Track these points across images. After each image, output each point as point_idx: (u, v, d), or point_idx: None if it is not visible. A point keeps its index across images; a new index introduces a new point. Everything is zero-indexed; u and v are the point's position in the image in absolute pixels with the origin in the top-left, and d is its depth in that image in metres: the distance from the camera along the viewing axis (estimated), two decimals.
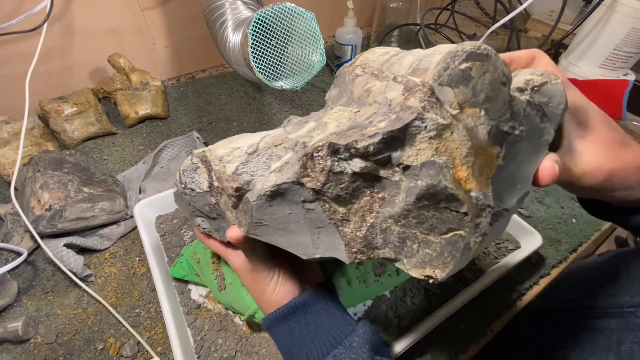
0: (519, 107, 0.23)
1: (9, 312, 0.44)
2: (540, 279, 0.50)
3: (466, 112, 0.21)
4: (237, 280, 0.40)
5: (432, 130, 0.20)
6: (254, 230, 0.26)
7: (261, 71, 0.49)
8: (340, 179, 0.22)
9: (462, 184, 0.21)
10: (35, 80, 0.59)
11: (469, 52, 0.21)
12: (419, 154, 0.20)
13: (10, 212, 0.51)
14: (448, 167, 0.20)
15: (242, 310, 0.39)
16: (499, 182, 0.23)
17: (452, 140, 0.20)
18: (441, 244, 0.22)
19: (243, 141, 0.28)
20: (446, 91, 0.20)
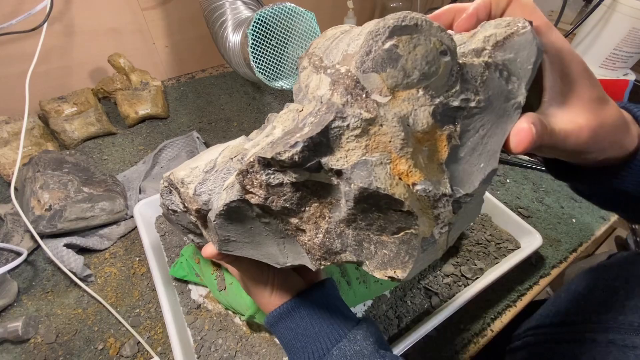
0: (473, 74, 0.20)
1: (9, 312, 0.44)
2: (540, 279, 0.50)
3: (400, 96, 0.19)
4: (237, 281, 0.40)
5: (357, 128, 0.19)
6: (225, 246, 0.25)
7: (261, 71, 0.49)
8: (281, 191, 0.21)
9: (404, 179, 0.19)
10: (35, 80, 0.59)
11: (392, 27, 0.18)
12: (349, 155, 0.19)
13: (10, 212, 0.51)
14: (383, 164, 0.19)
15: (242, 311, 0.39)
16: (456, 164, 0.21)
17: (383, 133, 0.19)
18: (395, 243, 0.21)
19: (203, 159, 0.27)
20: (372, 78, 0.18)
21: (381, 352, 0.27)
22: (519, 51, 0.21)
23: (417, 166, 0.19)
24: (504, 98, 0.21)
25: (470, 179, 0.21)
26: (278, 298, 0.30)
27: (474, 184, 0.21)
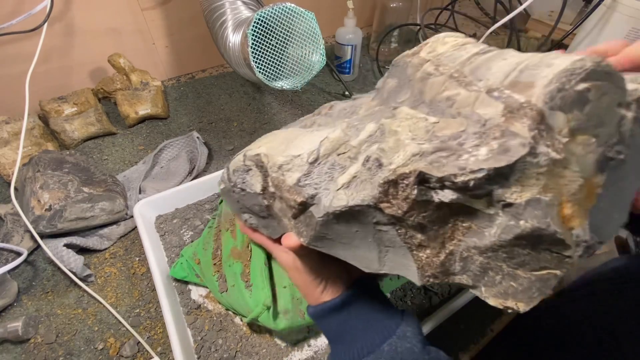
0: (626, 127, 0.20)
1: (9, 312, 0.44)
2: None
3: (577, 139, 0.18)
4: (239, 283, 0.40)
5: (544, 166, 0.17)
6: (315, 242, 0.25)
7: (261, 71, 0.49)
8: (425, 208, 0.20)
9: (566, 222, 0.18)
10: (35, 80, 0.59)
11: (590, 71, 0.18)
12: (524, 190, 0.18)
13: (10, 212, 0.51)
14: (554, 205, 0.18)
15: (244, 313, 0.39)
16: (596, 212, 0.20)
17: (562, 176, 0.18)
18: (530, 279, 0.20)
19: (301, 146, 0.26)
20: (557, 116, 0.17)
21: (427, 349, 0.28)
22: None
23: (580, 211, 0.18)
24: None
25: (606, 228, 0.21)
26: (329, 293, 0.31)
27: (610, 234, 0.21)
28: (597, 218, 0.20)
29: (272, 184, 0.27)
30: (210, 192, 0.56)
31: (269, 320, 0.38)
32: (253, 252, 0.41)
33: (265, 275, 0.39)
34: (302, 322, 0.39)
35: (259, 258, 0.40)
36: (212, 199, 0.56)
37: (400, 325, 0.29)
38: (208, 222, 0.52)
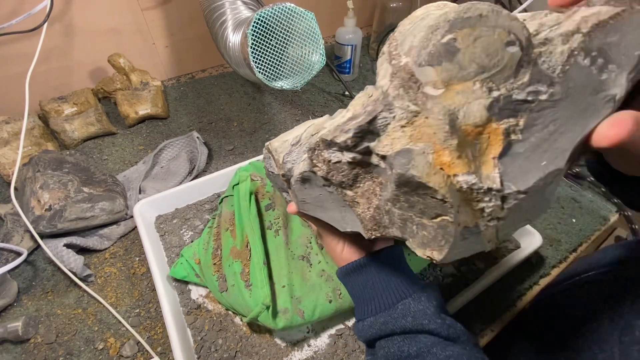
0: (551, 63, 0.19)
1: (9, 312, 0.44)
2: (540, 279, 0.50)
3: (454, 89, 0.19)
4: (239, 283, 0.40)
5: (403, 119, 0.20)
6: (302, 207, 0.31)
7: (261, 71, 0.49)
8: (340, 167, 0.23)
9: (446, 169, 0.19)
10: (35, 80, 0.59)
11: (452, 21, 0.18)
12: (394, 142, 0.20)
13: (10, 212, 0.51)
14: (425, 154, 0.19)
15: (244, 312, 0.39)
16: (513, 159, 0.20)
17: (428, 125, 0.19)
18: (434, 227, 0.21)
19: (293, 133, 0.31)
20: (427, 71, 0.19)
21: (442, 315, 0.28)
22: (626, 34, 0.18)
23: (461, 158, 0.19)
24: (590, 90, 0.19)
25: (525, 176, 0.20)
26: (349, 254, 0.33)
27: (528, 182, 0.19)
28: (515, 165, 0.20)
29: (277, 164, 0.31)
30: (210, 192, 0.56)
31: (269, 319, 0.38)
32: (252, 251, 0.41)
33: (264, 274, 0.39)
34: (301, 321, 0.39)
35: (258, 257, 0.40)
36: (212, 199, 0.56)
37: (417, 291, 0.30)
38: (208, 222, 0.52)
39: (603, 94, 0.19)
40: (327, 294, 0.40)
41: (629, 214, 0.58)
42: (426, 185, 0.19)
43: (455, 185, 0.19)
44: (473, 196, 0.20)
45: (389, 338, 0.29)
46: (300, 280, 0.41)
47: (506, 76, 0.19)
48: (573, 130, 0.19)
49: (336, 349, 0.40)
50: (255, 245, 0.41)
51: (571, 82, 0.19)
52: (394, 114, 0.20)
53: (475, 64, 0.18)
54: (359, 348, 0.40)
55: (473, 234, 0.21)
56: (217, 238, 0.45)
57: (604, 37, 0.18)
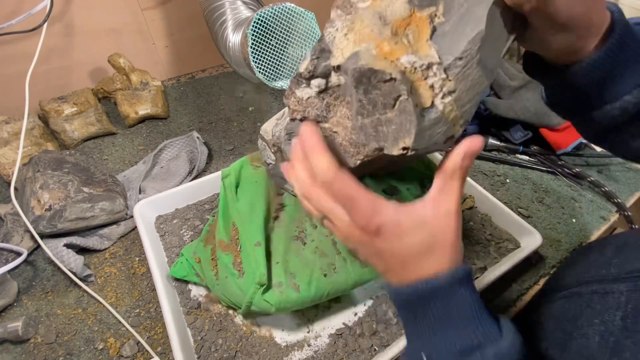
0: None
1: (9, 312, 0.44)
2: (540, 279, 0.50)
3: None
4: (232, 273, 0.40)
5: (344, 28, 0.24)
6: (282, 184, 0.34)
7: (261, 71, 0.49)
8: (312, 102, 0.26)
9: (389, 57, 0.23)
10: (35, 80, 0.59)
11: None
12: (344, 51, 0.24)
13: (10, 212, 0.51)
14: (369, 50, 0.23)
15: (239, 301, 0.39)
16: (444, 37, 0.24)
17: (365, 26, 0.23)
18: (397, 115, 0.24)
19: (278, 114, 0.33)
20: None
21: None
22: None
23: (399, 44, 0.23)
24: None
25: (456, 45, 0.23)
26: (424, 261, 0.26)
27: (459, 47, 0.23)
28: (447, 41, 0.23)
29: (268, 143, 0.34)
30: (210, 192, 0.56)
31: (262, 302, 0.38)
32: (241, 236, 0.41)
33: (259, 253, 0.39)
34: (296, 296, 0.38)
35: (249, 240, 0.41)
36: (212, 199, 0.56)
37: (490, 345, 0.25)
38: (208, 221, 0.52)
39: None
40: (321, 268, 0.40)
41: (629, 214, 0.58)
42: (374, 69, 0.22)
43: (400, 67, 0.23)
44: (420, 75, 0.23)
45: None
46: (294, 257, 0.41)
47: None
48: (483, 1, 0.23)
49: (336, 349, 0.40)
50: (246, 231, 0.41)
51: None
52: (336, 27, 0.24)
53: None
54: (359, 348, 0.40)
55: (433, 112, 0.24)
56: (213, 236, 0.46)
57: None
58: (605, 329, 0.31)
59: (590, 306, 0.34)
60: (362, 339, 0.41)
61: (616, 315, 0.31)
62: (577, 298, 0.37)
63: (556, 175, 0.65)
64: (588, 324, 0.33)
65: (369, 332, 0.42)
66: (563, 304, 0.38)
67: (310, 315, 0.43)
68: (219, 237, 0.43)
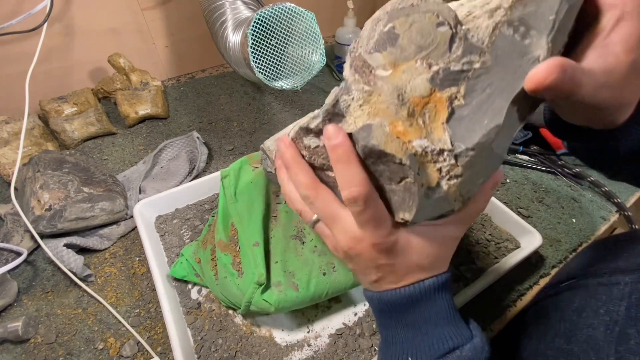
0: (480, 36, 0.22)
1: (9, 312, 0.44)
2: (540, 279, 0.50)
3: (400, 68, 0.22)
4: (231, 273, 0.40)
5: (360, 99, 0.23)
6: None
7: (261, 71, 0.49)
8: (319, 151, 0.26)
9: (402, 137, 0.22)
10: (35, 80, 0.59)
11: (390, 12, 0.22)
12: (357, 120, 0.23)
13: (10, 212, 0.51)
14: (382, 126, 0.22)
15: (238, 301, 0.39)
16: (460, 122, 0.22)
17: (381, 102, 0.22)
18: (401, 190, 0.24)
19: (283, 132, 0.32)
20: (376, 57, 0.23)
21: None
22: (540, 3, 0.21)
23: (413, 126, 0.22)
24: (517, 54, 0.21)
25: (470, 135, 0.22)
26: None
27: (473, 139, 0.22)
28: (462, 127, 0.22)
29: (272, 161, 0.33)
30: (210, 192, 0.56)
31: (262, 301, 0.38)
32: (240, 236, 0.42)
33: (257, 253, 0.39)
34: (295, 295, 0.38)
35: (248, 240, 0.41)
36: (212, 199, 0.56)
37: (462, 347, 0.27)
38: (208, 221, 0.52)
39: (528, 56, 0.21)
40: (320, 267, 0.40)
41: (629, 214, 0.58)
42: (385, 152, 0.22)
43: (411, 150, 0.22)
44: (429, 158, 0.23)
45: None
46: (293, 257, 0.41)
47: (442, 52, 0.22)
48: (506, 89, 0.22)
49: (336, 348, 0.40)
50: (244, 231, 0.41)
51: (499, 50, 0.22)
52: (352, 95, 0.23)
53: (414, 45, 0.22)
54: (359, 348, 0.40)
55: (437, 193, 0.24)
56: (212, 236, 0.46)
57: (523, 8, 0.21)
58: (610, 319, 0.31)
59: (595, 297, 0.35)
60: (362, 339, 0.41)
61: (620, 305, 0.31)
62: (582, 290, 0.37)
63: (556, 175, 0.65)
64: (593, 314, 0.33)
65: (369, 332, 0.42)
66: (569, 295, 0.38)
67: (310, 315, 0.43)
68: (218, 237, 0.44)
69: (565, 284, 0.40)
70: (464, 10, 0.23)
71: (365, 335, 0.41)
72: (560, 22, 0.21)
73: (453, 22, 0.22)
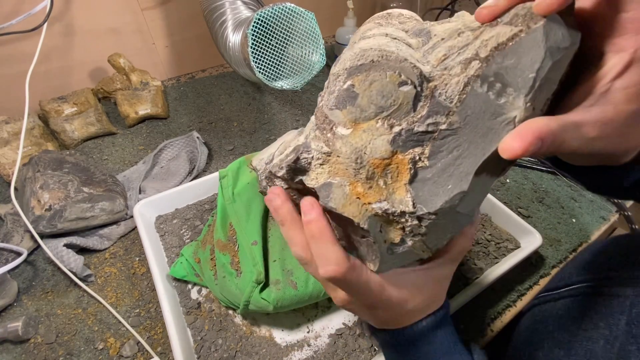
0: (448, 94, 0.20)
1: (9, 312, 0.44)
2: (540, 279, 0.50)
3: (360, 128, 0.21)
4: (230, 273, 0.40)
5: (319, 159, 0.22)
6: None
7: (261, 71, 0.49)
8: (292, 192, 0.25)
9: (362, 198, 0.21)
10: (35, 80, 0.59)
11: (349, 69, 0.21)
12: (318, 177, 0.22)
13: (10, 212, 0.51)
14: (343, 186, 0.21)
15: (237, 300, 0.39)
16: (423, 184, 0.21)
17: (340, 162, 0.22)
18: (365, 244, 0.24)
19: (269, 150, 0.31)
20: (336, 114, 0.21)
21: None
22: (522, 56, 0.18)
23: (373, 188, 0.21)
24: (489, 115, 0.19)
25: (433, 200, 0.21)
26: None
27: (435, 205, 0.21)
28: (425, 189, 0.21)
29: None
30: (210, 192, 0.56)
31: (260, 300, 0.38)
32: (239, 236, 0.42)
33: (256, 252, 0.39)
34: (294, 293, 0.38)
35: (246, 239, 0.41)
36: (212, 199, 0.56)
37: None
38: (207, 221, 0.52)
39: (502, 117, 0.19)
40: None
41: (629, 214, 0.58)
42: (341, 215, 0.21)
43: (371, 212, 0.21)
44: (391, 219, 0.22)
45: None
46: (291, 255, 0.41)
47: (405, 112, 0.20)
48: (475, 154, 0.20)
49: (336, 348, 0.40)
50: (243, 230, 0.41)
51: (469, 110, 0.20)
52: (311, 154, 0.22)
53: (374, 105, 0.20)
54: (359, 348, 0.40)
55: (402, 247, 0.23)
56: (212, 236, 0.46)
57: (502, 60, 0.18)
58: (610, 333, 0.31)
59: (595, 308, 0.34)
60: (362, 339, 0.41)
61: (621, 319, 0.31)
62: (582, 298, 0.37)
63: (556, 175, 0.65)
64: (593, 326, 0.33)
65: (369, 332, 0.42)
66: (568, 303, 0.38)
67: (310, 315, 0.43)
68: (217, 237, 0.44)
69: (565, 290, 0.40)
70: (440, 52, 0.21)
71: (365, 335, 0.41)
72: (542, 79, 0.18)
73: (417, 81, 0.20)
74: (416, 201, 0.21)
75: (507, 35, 0.18)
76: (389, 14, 0.26)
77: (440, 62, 0.21)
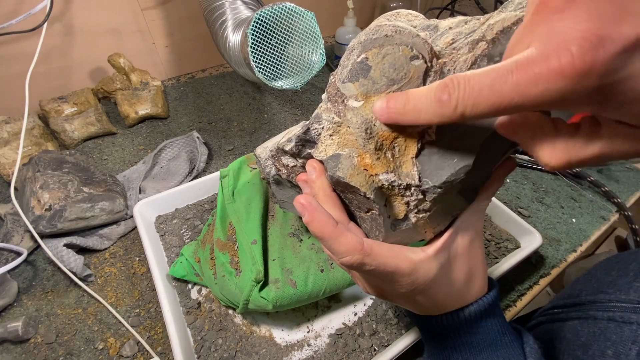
0: (457, 70, 0.21)
1: (9, 312, 0.44)
2: (540, 279, 0.50)
3: (372, 100, 0.22)
4: (229, 272, 0.40)
5: (330, 129, 0.23)
6: (283, 205, 0.36)
7: (261, 71, 0.49)
8: (297, 170, 0.27)
9: (369, 170, 0.22)
10: (35, 80, 0.59)
11: (364, 43, 0.21)
12: (327, 149, 0.23)
13: (10, 212, 0.51)
14: (351, 157, 0.22)
15: (236, 300, 0.39)
16: (430, 158, 0.22)
17: (350, 133, 0.22)
18: (369, 219, 0.24)
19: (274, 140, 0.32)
20: (349, 87, 0.22)
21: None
22: None
23: (380, 160, 0.22)
24: None
25: (439, 173, 0.22)
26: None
27: (441, 178, 0.22)
28: (432, 163, 0.22)
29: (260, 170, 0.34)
30: (210, 192, 0.56)
31: (259, 299, 0.38)
32: (238, 235, 0.42)
33: (255, 251, 0.40)
34: (293, 291, 0.38)
35: (246, 239, 0.41)
36: (212, 199, 0.56)
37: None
38: (207, 220, 0.52)
39: None
40: (317, 264, 0.40)
41: (629, 214, 0.58)
42: (349, 183, 0.22)
43: (377, 184, 0.22)
44: (396, 192, 0.23)
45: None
46: (290, 254, 0.41)
47: (415, 86, 0.21)
48: (480, 129, 0.21)
49: (336, 348, 0.40)
50: (242, 230, 0.42)
51: None
52: (322, 125, 0.23)
53: (385, 77, 0.21)
54: (359, 348, 0.40)
55: (405, 224, 0.24)
56: (211, 236, 0.46)
57: (507, 41, 0.19)
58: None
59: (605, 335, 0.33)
60: (362, 339, 0.41)
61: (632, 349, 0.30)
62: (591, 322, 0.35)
63: (556, 175, 0.65)
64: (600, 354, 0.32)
65: (369, 332, 0.42)
66: (576, 325, 0.37)
67: (310, 315, 0.43)
68: (217, 236, 0.44)
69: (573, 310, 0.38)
70: (448, 37, 0.22)
71: (365, 335, 0.41)
72: None
73: (428, 56, 0.21)
74: (422, 175, 0.22)
75: (512, 19, 0.19)
76: (398, 12, 0.27)
77: (449, 45, 0.22)
